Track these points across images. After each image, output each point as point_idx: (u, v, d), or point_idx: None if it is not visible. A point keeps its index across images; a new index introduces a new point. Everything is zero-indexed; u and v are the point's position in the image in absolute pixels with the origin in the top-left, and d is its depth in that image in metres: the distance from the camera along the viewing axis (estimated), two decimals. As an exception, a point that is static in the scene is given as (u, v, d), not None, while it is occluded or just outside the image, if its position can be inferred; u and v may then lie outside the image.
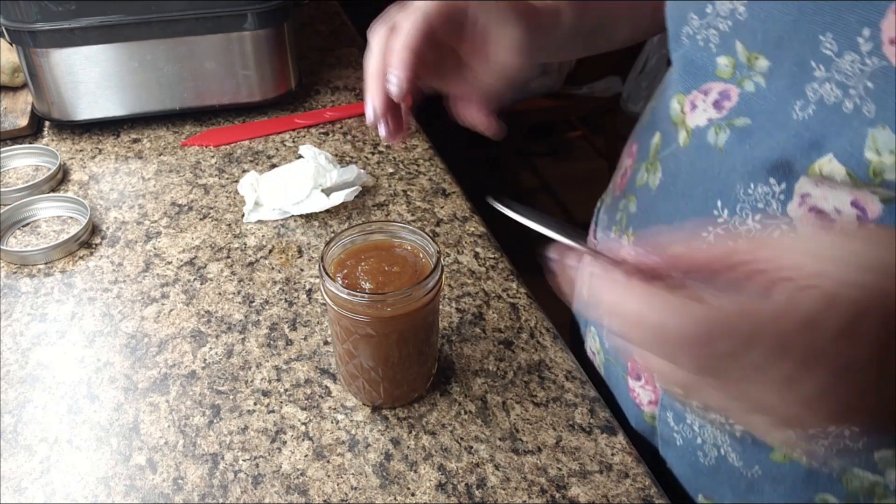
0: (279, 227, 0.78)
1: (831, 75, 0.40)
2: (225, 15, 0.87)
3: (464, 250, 0.75)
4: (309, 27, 1.22)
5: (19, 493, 0.53)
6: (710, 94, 0.48)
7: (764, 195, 0.45)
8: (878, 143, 0.39)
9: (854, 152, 0.40)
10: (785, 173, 0.44)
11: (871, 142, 0.39)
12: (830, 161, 0.41)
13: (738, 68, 0.46)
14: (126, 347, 0.64)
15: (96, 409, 0.59)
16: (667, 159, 0.52)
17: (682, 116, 0.51)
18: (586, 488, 0.53)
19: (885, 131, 0.38)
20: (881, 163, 0.39)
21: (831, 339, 0.30)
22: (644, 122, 0.60)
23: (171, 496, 0.52)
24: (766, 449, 0.50)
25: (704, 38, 0.49)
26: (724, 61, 0.47)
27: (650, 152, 0.55)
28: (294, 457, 0.55)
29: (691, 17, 0.49)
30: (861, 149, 0.39)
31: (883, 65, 0.37)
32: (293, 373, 0.62)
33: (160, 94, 0.92)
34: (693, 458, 0.56)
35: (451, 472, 0.54)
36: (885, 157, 0.38)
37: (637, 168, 0.57)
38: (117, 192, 0.83)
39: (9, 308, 0.68)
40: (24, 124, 0.91)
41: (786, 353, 0.30)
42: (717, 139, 0.48)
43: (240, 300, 0.69)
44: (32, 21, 0.82)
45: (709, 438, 0.53)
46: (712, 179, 0.48)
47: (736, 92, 0.47)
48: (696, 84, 0.50)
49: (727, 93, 0.47)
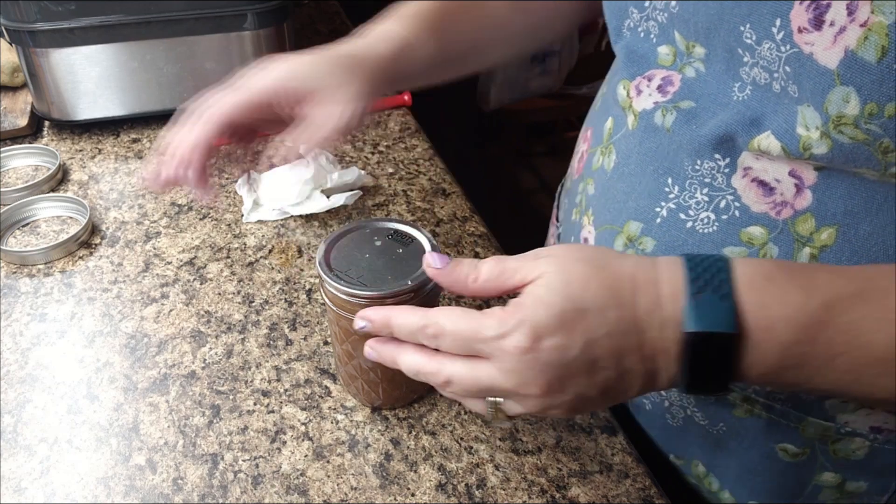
0: (279, 227, 0.78)
1: (756, 61, 0.44)
2: (225, 15, 0.87)
3: (464, 250, 0.75)
4: (309, 27, 1.22)
5: (19, 493, 0.53)
6: (653, 80, 0.51)
7: (710, 170, 0.48)
8: (807, 120, 0.42)
9: (788, 128, 0.43)
10: (729, 149, 0.47)
11: (801, 118, 0.42)
12: (768, 137, 0.44)
13: (679, 56, 0.49)
14: (126, 347, 0.64)
15: (96, 410, 0.59)
16: (619, 142, 0.55)
17: (629, 101, 0.53)
18: (586, 488, 0.53)
19: (810, 109, 0.41)
20: (809, 138, 0.42)
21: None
22: (596, 108, 0.62)
23: (170, 496, 0.52)
24: (728, 406, 0.53)
25: (645, 29, 0.52)
26: (665, 50, 0.50)
27: (604, 136, 0.57)
28: (294, 457, 0.55)
29: (631, 10, 0.52)
30: (794, 125, 0.43)
31: (794, 51, 0.41)
32: (293, 373, 0.62)
33: (160, 94, 0.92)
34: (662, 420, 0.59)
35: (451, 472, 0.54)
36: (812, 132, 0.42)
37: (592, 152, 0.59)
38: (117, 192, 0.83)
39: (9, 308, 0.68)
40: (23, 124, 0.91)
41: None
42: (664, 120, 0.50)
43: (240, 300, 0.69)
44: (32, 21, 0.82)
45: (675, 401, 0.57)
46: (662, 158, 0.51)
47: (678, 77, 0.50)
48: (639, 71, 0.53)
49: (670, 79, 0.50)
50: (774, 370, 0.39)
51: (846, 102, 0.39)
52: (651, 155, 0.51)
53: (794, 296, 0.38)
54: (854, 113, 0.39)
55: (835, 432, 0.50)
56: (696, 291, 0.38)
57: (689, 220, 0.49)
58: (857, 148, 0.40)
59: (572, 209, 0.63)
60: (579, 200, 0.61)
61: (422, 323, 0.42)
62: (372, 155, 0.89)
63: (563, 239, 0.66)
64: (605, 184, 0.56)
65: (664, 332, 0.39)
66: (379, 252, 0.54)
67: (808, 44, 0.40)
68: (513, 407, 0.42)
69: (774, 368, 0.39)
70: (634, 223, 0.53)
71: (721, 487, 0.58)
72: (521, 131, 2.39)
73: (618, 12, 0.54)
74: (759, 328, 0.38)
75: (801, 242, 0.46)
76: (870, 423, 0.49)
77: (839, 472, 0.52)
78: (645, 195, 0.52)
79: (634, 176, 0.53)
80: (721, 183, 0.48)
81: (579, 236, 0.60)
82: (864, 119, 0.39)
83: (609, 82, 0.59)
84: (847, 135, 0.40)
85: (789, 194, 0.45)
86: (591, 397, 0.41)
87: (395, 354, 0.45)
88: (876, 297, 0.38)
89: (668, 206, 0.51)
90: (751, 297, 0.38)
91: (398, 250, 0.54)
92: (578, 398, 0.41)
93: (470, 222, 0.79)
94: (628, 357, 0.40)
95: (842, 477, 0.53)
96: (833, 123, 0.40)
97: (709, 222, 0.49)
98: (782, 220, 0.46)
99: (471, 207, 0.81)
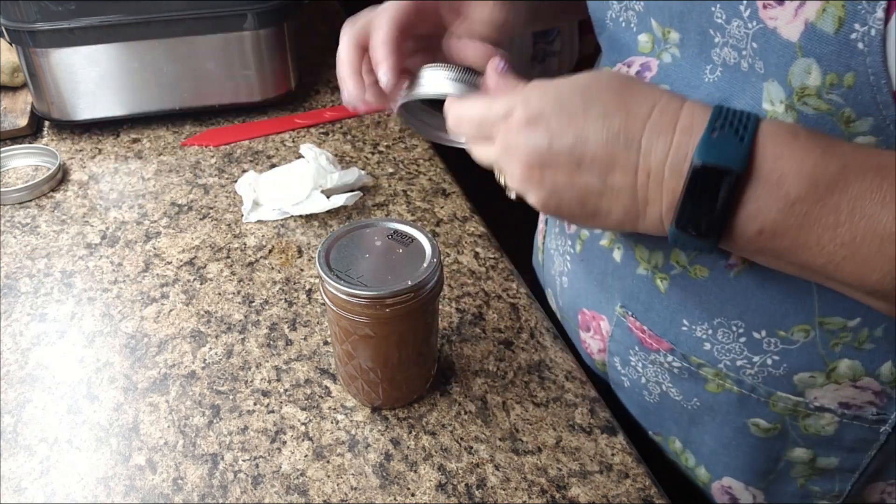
0: (279, 227, 0.78)
1: (727, 40, 0.45)
2: (225, 15, 0.87)
3: (464, 250, 0.75)
4: (309, 27, 1.22)
5: (19, 493, 0.53)
6: (632, 66, 0.53)
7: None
8: (772, 95, 0.43)
9: (755, 105, 0.44)
10: None
11: (766, 94, 0.43)
12: None
13: (656, 43, 0.51)
14: (126, 347, 0.64)
15: (96, 410, 0.59)
16: None
17: None
18: (586, 488, 0.53)
19: (774, 84, 0.42)
20: (775, 112, 0.43)
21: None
22: None
23: (170, 496, 0.52)
24: (701, 381, 0.54)
25: (626, 18, 0.53)
26: (644, 38, 0.52)
27: None
28: (294, 457, 0.55)
29: (612, 2, 0.54)
30: (760, 101, 0.44)
31: (760, 27, 0.42)
32: (293, 373, 0.62)
33: (160, 94, 0.92)
34: (640, 397, 0.61)
35: (451, 472, 0.54)
36: (777, 106, 0.43)
37: None
38: (117, 192, 0.83)
39: (9, 308, 0.68)
40: (23, 124, 0.91)
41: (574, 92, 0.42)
42: None
43: (240, 300, 0.69)
44: (32, 21, 0.82)
45: (651, 377, 0.58)
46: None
47: (655, 63, 0.51)
48: (620, 58, 0.54)
49: (648, 65, 0.52)
50: (774, 228, 0.39)
51: (808, 74, 0.40)
52: None
53: (813, 154, 0.38)
54: (816, 84, 0.40)
55: (804, 407, 0.51)
56: (715, 129, 0.39)
57: None
58: (821, 118, 0.41)
59: None
60: None
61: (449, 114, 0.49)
62: (372, 155, 0.89)
63: (549, 224, 0.68)
64: None
65: (668, 160, 0.40)
66: (379, 252, 0.54)
67: (772, 18, 0.41)
68: (509, 181, 0.46)
69: (775, 225, 0.39)
70: None
71: (697, 463, 0.60)
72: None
73: (601, 4, 0.55)
74: (769, 175, 0.38)
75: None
76: (838, 399, 0.50)
77: (811, 447, 0.53)
78: None
79: None
80: None
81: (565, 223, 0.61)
82: (825, 89, 0.40)
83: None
84: (811, 105, 0.41)
85: None
86: (566, 199, 0.43)
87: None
88: (890, 173, 0.37)
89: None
90: (769, 146, 0.38)
91: (398, 250, 0.54)
92: (553, 193, 0.43)
93: (470, 222, 0.79)
94: (618, 173, 0.41)
95: (813, 453, 0.53)
96: (797, 95, 0.41)
97: None
98: None
99: (471, 207, 0.81)
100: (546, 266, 0.70)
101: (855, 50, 0.38)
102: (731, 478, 0.58)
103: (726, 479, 0.58)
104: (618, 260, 0.56)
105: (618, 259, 0.56)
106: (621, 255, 0.55)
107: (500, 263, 0.74)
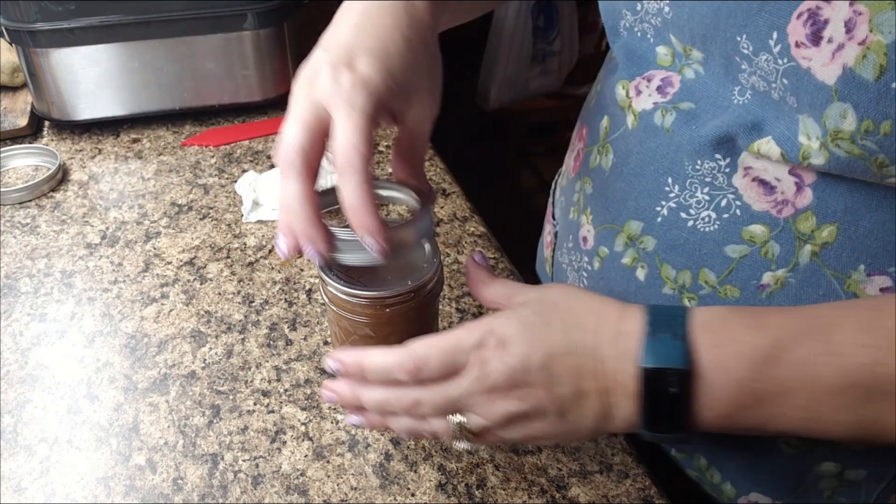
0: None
1: (754, 70, 0.44)
2: (225, 15, 0.87)
3: (464, 250, 0.75)
4: (309, 27, 1.21)
5: (19, 493, 0.53)
6: (653, 80, 0.51)
7: (711, 170, 0.48)
8: (809, 129, 0.42)
9: (790, 136, 0.43)
10: (729, 149, 0.47)
11: (803, 127, 0.42)
12: (769, 142, 0.45)
13: (677, 57, 0.50)
14: (126, 347, 0.64)
15: (96, 410, 0.59)
16: (617, 141, 0.55)
17: (629, 101, 0.53)
18: (586, 488, 0.53)
19: (810, 120, 0.42)
20: (810, 147, 0.42)
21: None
22: (591, 106, 0.62)
23: (170, 496, 0.52)
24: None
25: (641, 30, 0.52)
26: (664, 50, 0.50)
27: (600, 135, 0.57)
28: (294, 457, 0.55)
29: (625, 12, 0.52)
30: (796, 133, 0.43)
31: (792, 65, 0.41)
32: (293, 373, 0.62)
33: (160, 94, 0.92)
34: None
35: (451, 472, 0.54)
36: (813, 142, 0.42)
37: (589, 151, 0.59)
38: (117, 192, 0.83)
39: (9, 308, 0.68)
40: (23, 124, 0.91)
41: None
42: (663, 121, 0.50)
43: (239, 300, 0.69)
44: (32, 21, 0.82)
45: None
46: (661, 158, 0.51)
47: (678, 79, 0.50)
48: (639, 71, 0.52)
49: (669, 80, 0.50)
50: (731, 411, 0.41)
51: (843, 118, 0.40)
52: (651, 155, 0.51)
53: (746, 334, 0.40)
54: (851, 129, 0.39)
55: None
56: (653, 332, 0.41)
57: (689, 218, 0.49)
58: (853, 161, 0.41)
59: (570, 207, 0.63)
60: (577, 199, 0.61)
61: (398, 359, 0.44)
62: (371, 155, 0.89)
63: (560, 238, 0.66)
64: (604, 183, 0.56)
65: (620, 365, 0.42)
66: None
67: (805, 59, 0.40)
68: (475, 421, 0.44)
69: (731, 408, 0.40)
70: (635, 222, 0.53)
71: (723, 480, 0.59)
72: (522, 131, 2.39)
73: (612, 13, 0.54)
74: (712, 366, 0.40)
75: (801, 240, 0.46)
76: None
77: (839, 461, 0.53)
78: (645, 194, 0.52)
79: (634, 175, 0.53)
80: (722, 182, 0.48)
81: (577, 235, 0.60)
82: (860, 135, 0.39)
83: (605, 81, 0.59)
84: (843, 149, 0.41)
85: (790, 193, 0.45)
86: (547, 413, 0.43)
87: (359, 391, 0.46)
88: (821, 332, 0.39)
89: (668, 206, 0.51)
90: (705, 338, 0.40)
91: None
92: (536, 411, 0.43)
93: (470, 222, 0.79)
94: (587, 380, 0.42)
95: (841, 466, 0.53)
96: (830, 137, 0.41)
97: (710, 221, 0.49)
98: (783, 219, 0.46)
99: (471, 207, 0.81)
100: (557, 280, 0.67)
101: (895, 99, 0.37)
102: (759, 493, 0.57)
103: (753, 494, 0.57)
104: (641, 279, 0.54)
105: (641, 278, 0.54)
106: (645, 273, 0.53)
107: (500, 263, 0.74)
